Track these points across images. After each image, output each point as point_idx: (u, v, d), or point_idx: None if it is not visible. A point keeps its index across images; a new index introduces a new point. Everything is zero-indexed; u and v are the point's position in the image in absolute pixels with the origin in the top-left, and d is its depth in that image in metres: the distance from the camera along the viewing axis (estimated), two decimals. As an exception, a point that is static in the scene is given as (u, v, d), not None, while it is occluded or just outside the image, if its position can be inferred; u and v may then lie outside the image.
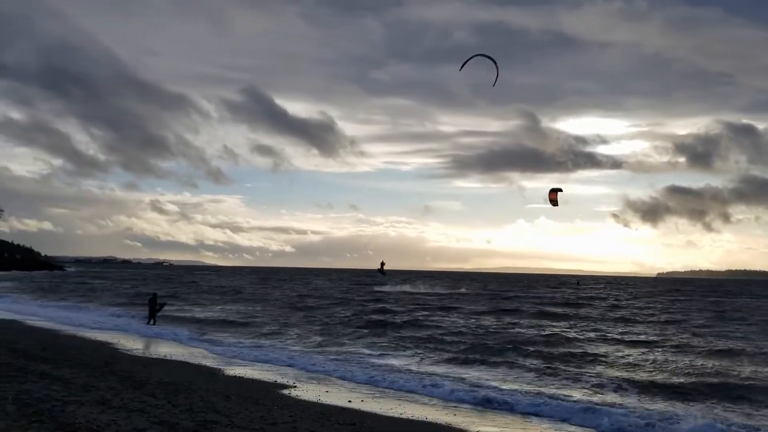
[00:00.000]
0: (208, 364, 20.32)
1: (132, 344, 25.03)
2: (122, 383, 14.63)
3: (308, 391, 16.02)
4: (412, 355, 23.48)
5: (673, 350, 25.45)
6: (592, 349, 25.51)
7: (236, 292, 66.33)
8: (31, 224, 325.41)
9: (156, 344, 25.60)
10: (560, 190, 28.95)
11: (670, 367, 21.34)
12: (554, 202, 28.50)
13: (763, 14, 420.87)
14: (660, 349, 25.62)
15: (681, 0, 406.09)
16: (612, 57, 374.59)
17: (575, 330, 32.88)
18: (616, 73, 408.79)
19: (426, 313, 42.38)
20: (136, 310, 36.32)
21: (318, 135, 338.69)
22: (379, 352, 24.10)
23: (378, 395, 16.05)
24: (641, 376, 19.64)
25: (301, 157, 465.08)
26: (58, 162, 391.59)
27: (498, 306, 51.02)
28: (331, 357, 22.68)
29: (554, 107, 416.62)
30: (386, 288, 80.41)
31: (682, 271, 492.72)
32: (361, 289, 78.97)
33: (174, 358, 21.36)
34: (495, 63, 22.43)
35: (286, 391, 15.88)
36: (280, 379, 17.69)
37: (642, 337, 29.76)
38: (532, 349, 24.84)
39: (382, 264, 56.49)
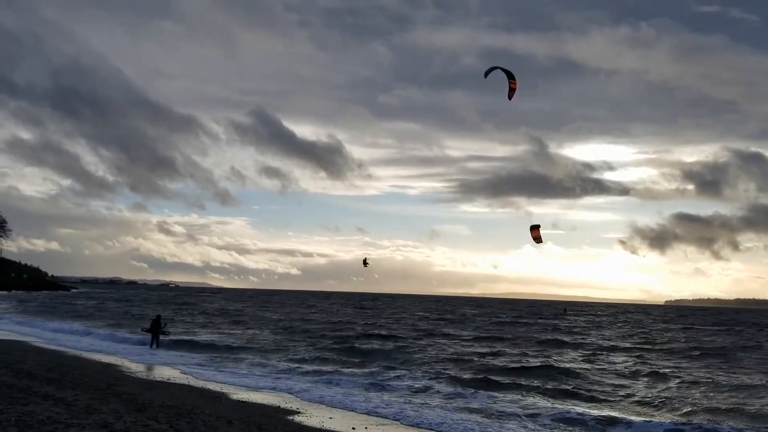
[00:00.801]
0: (210, 387, 20.25)
1: (135, 366, 25.00)
2: (125, 406, 14.60)
3: (312, 417, 15.92)
4: (410, 384, 23.27)
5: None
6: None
7: (238, 315, 66.20)
8: (39, 244, 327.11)
9: (159, 367, 25.53)
10: (539, 226, 29.15)
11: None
12: (537, 239, 28.72)
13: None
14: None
15: (687, 28, 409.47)
16: (619, 84, 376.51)
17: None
18: (623, 99, 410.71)
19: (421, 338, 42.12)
20: (139, 332, 36.26)
21: (326, 157, 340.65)
22: (379, 379, 23.96)
23: (382, 423, 15.93)
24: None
25: (308, 180, 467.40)
26: (66, 182, 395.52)
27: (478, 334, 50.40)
28: (334, 383, 22.57)
29: (561, 133, 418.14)
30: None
31: (691, 299, 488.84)
32: (363, 313, 78.73)
33: (177, 381, 21.30)
34: (513, 76, 22.92)
35: (290, 417, 15.79)
36: (284, 404, 17.60)
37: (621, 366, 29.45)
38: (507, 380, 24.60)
39: (365, 261, 56.41)
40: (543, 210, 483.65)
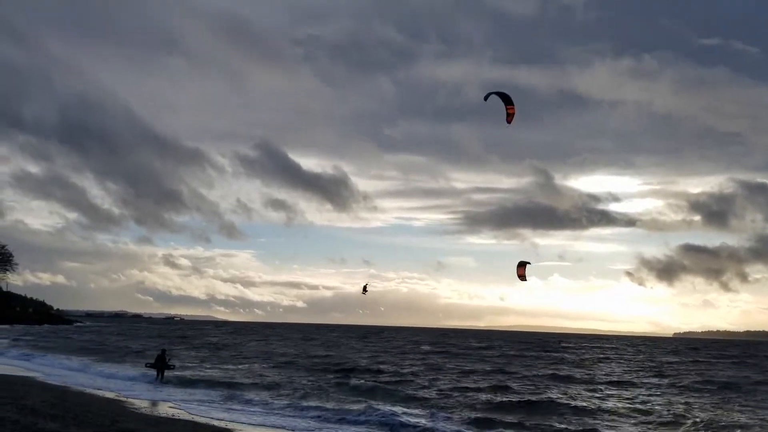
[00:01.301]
0: (215, 424, 20.14)
1: (139, 402, 24.87)
2: (129, 444, 14.54)
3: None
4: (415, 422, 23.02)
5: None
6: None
7: (239, 349, 65.89)
8: (45, 277, 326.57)
9: (163, 403, 25.40)
10: (528, 263, 29.51)
11: None
12: (522, 277, 29.00)
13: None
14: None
15: (690, 60, 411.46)
16: (623, 115, 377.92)
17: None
18: (627, 131, 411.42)
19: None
20: (143, 368, 36.06)
21: (331, 189, 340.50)
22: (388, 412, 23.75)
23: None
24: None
25: (314, 212, 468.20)
26: (73, 216, 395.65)
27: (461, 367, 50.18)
28: (335, 420, 22.41)
29: (566, 164, 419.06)
30: None
31: (699, 331, 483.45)
32: (367, 347, 78.15)
33: (181, 417, 21.20)
34: (510, 101, 23.30)
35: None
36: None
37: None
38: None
39: (365, 288, 56.16)
40: (549, 242, 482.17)
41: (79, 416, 18.53)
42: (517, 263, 29.00)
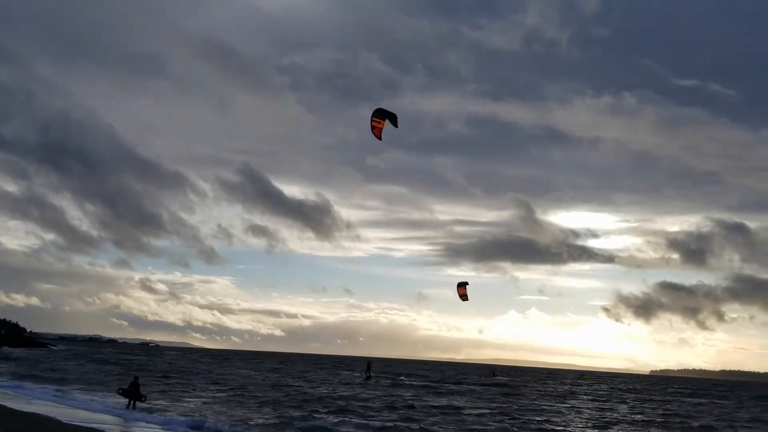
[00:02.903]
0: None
1: (111, 430, 24.72)
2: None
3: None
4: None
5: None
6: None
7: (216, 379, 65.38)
8: (19, 299, 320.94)
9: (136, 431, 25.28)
10: (467, 283, 29.94)
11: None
12: (464, 296, 29.42)
13: (747, 117, 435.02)
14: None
15: (668, 100, 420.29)
16: (602, 152, 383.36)
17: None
18: (606, 168, 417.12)
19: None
20: (115, 397, 35.77)
21: (314, 217, 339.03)
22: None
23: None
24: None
25: (296, 240, 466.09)
26: (50, 236, 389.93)
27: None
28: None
29: (547, 200, 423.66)
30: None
31: (676, 369, 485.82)
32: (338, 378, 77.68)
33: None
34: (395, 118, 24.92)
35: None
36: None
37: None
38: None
39: (369, 366, 54.91)
40: (528, 275, 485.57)
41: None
42: (461, 283, 29.55)
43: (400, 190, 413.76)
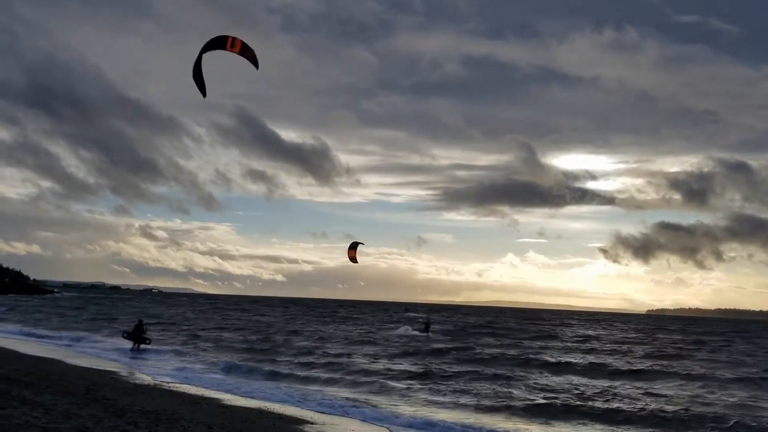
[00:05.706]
0: (191, 392, 20.18)
1: (117, 371, 24.83)
2: (104, 411, 14.51)
3: (306, 425, 15.89)
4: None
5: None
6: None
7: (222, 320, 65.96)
8: (20, 247, 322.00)
9: (140, 372, 25.38)
10: (357, 244, 30.75)
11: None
12: (353, 259, 30.15)
13: (748, 53, 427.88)
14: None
15: (668, 37, 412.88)
16: (601, 93, 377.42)
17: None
18: (604, 109, 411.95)
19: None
20: (121, 337, 35.97)
21: (313, 162, 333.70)
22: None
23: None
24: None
25: (295, 185, 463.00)
26: (47, 184, 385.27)
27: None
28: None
29: (545, 142, 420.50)
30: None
31: (672, 308, 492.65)
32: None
33: (158, 386, 21.21)
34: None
35: (272, 422, 15.77)
36: (264, 407, 17.59)
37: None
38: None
39: (428, 325, 57.06)
40: (527, 218, 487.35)
41: (55, 384, 18.42)
42: (352, 245, 30.23)
43: (398, 135, 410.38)
